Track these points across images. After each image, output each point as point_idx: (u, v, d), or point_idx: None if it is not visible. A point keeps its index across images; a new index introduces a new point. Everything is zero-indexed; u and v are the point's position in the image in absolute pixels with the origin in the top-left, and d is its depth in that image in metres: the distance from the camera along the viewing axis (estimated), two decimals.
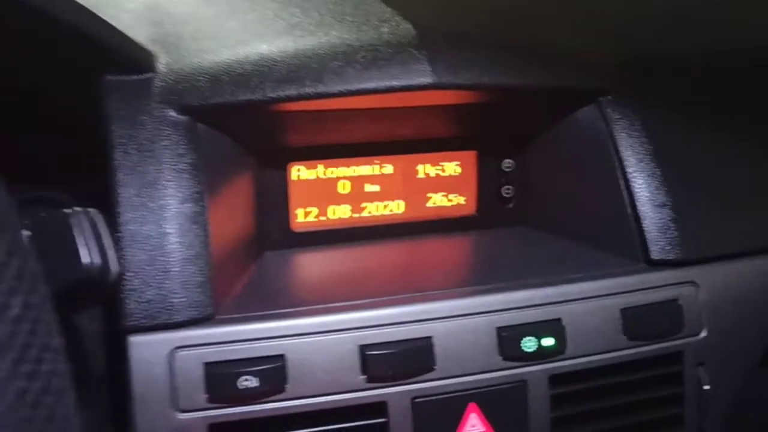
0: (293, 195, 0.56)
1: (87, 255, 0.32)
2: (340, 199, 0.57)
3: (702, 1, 0.67)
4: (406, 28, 0.51)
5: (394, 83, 0.48)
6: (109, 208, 0.43)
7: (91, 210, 0.34)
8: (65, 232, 0.32)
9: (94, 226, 0.33)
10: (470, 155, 0.60)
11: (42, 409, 0.21)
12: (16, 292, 0.21)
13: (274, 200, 0.56)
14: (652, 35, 0.63)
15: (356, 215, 0.58)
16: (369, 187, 0.58)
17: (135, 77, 0.46)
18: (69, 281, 0.31)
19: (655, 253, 0.53)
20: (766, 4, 0.65)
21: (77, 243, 0.32)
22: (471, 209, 0.61)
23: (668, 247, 0.53)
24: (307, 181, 0.56)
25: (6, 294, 0.20)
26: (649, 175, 0.53)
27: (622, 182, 0.54)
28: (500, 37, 0.55)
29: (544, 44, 0.56)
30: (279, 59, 0.48)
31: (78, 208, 0.33)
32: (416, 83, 0.48)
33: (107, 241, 0.33)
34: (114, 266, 0.33)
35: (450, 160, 0.59)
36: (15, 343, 0.20)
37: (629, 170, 0.54)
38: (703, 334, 0.52)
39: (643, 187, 0.53)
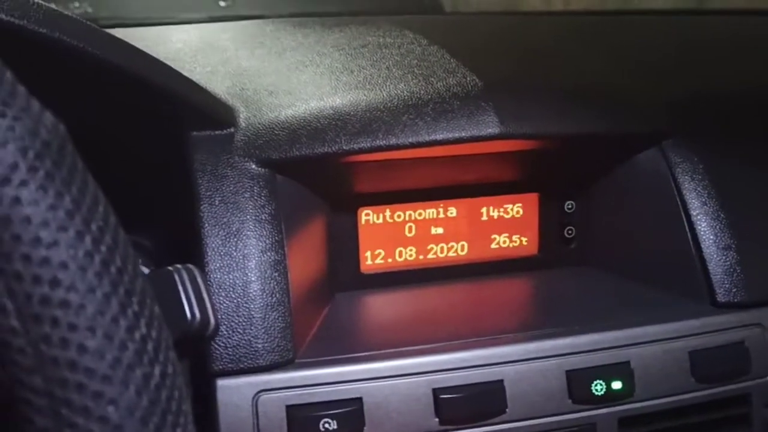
0: (362, 238, 0.58)
1: (190, 311, 0.34)
2: (406, 242, 0.59)
3: (756, 39, 0.67)
4: (472, 79, 0.53)
5: (463, 134, 0.50)
6: (193, 257, 0.45)
7: (190, 266, 0.36)
8: (171, 290, 0.34)
9: (194, 281, 0.35)
10: (532, 197, 0.61)
11: None
12: (156, 361, 0.23)
13: (344, 244, 0.58)
14: (710, 74, 0.64)
15: (422, 257, 0.60)
16: (434, 230, 0.60)
17: (218, 132, 0.49)
18: (174, 337, 0.33)
19: (721, 295, 0.53)
20: None
21: (182, 300, 0.34)
22: (533, 250, 0.62)
23: (734, 290, 0.53)
24: (376, 224, 0.58)
25: (149, 364, 0.22)
26: (713, 218, 0.54)
27: (686, 225, 0.55)
28: (562, 85, 0.57)
29: (605, 91, 0.57)
30: (352, 113, 0.50)
31: (179, 265, 0.36)
32: (484, 134, 0.50)
33: (206, 296, 0.35)
34: (213, 320, 0.35)
35: (513, 203, 0.61)
36: (156, 411, 0.22)
37: (693, 213, 0.54)
38: None
39: (707, 229, 0.54)
